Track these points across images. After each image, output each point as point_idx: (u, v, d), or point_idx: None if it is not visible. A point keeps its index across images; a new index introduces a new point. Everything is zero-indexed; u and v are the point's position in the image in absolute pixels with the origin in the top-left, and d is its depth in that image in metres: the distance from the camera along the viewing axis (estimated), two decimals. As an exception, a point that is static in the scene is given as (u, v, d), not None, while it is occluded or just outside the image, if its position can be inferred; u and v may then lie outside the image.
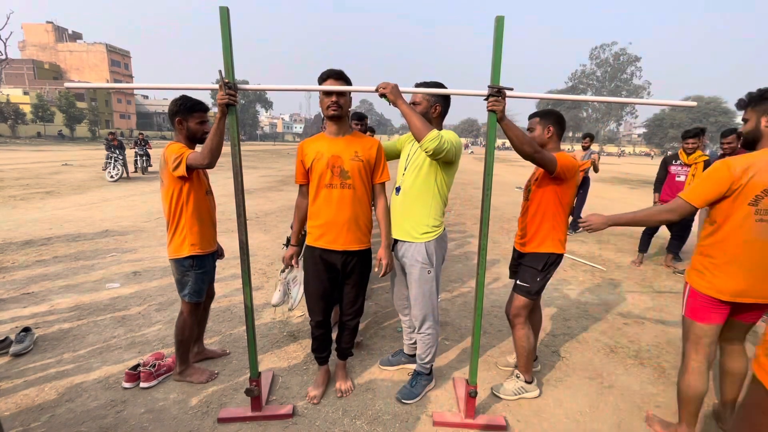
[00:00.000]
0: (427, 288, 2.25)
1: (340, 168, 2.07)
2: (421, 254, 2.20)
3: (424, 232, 2.19)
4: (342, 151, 2.08)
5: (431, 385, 2.47)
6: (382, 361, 2.71)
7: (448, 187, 2.23)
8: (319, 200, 2.12)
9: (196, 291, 2.35)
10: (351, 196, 2.10)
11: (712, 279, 1.82)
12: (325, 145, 2.10)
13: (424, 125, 1.99)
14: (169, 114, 2.28)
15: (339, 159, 2.07)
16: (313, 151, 2.10)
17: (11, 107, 37.23)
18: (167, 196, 2.23)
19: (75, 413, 2.15)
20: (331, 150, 2.08)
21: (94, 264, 4.51)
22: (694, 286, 1.90)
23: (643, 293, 4.23)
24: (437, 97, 2.17)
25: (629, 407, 2.37)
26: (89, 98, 49.25)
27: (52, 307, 3.42)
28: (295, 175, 2.26)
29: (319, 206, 2.12)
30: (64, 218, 6.67)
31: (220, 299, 3.63)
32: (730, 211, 1.74)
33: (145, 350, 2.78)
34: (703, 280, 1.86)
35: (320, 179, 2.08)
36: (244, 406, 2.21)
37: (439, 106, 2.18)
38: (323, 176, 2.08)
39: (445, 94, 2.08)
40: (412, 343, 2.64)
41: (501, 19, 1.77)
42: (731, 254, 1.77)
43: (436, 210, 2.21)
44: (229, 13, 1.76)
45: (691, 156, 4.75)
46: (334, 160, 2.07)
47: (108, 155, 11.70)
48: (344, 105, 2.08)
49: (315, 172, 2.09)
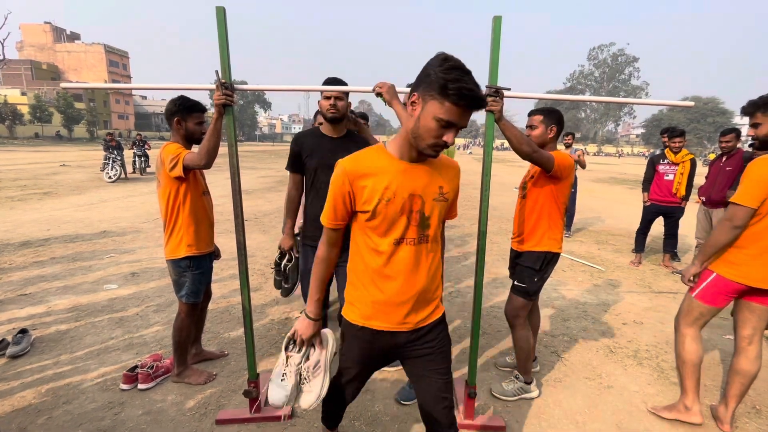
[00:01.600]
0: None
1: (420, 214, 1.30)
2: None
3: None
4: (424, 188, 1.30)
5: (430, 386, 2.46)
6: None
7: None
8: (378, 262, 1.33)
9: (193, 292, 2.34)
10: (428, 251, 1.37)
11: (748, 269, 1.93)
12: (396, 176, 1.26)
13: None
14: (167, 114, 2.28)
15: (418, 200, 1.30)
16: (379, 183, 1.26)
17: (9, 108, 37.12)
18: (164, 197, 2.23)
19: (72, 415, 2.14)
20: (406, 185, 1.27)
21: (92, 265, 4.50)
22: (723, 275, 2.00)
23: (641, 294, 4.24)
24: None
25: (628, 408, 2.37)
26: (87, 99, 49.16)
27: (50, 308, 3.40)
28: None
29: (378, 271, 1.33)
30: (61, 219, 6.65)
31: (218, 300, 3.62)
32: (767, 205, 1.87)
33: (143, 351, 2.77)
34: (737, 270, 1.96)
35: (389, 229, 1.30)
36: (242, 408, 2.20)
37: None
38: (396, 226, 1.30)
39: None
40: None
41: (498, 19, 1.77)
42: (765, 245, 1.90)
43: None
44: (225, 13, 1.75)
45: (678, 155, 4.80)
46: (413, 201, 1.29)
47: (106, 156, 11.67)
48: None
49: (381, 218, 1.28)
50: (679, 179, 4.80)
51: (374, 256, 1.32)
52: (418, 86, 1.16)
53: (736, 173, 4.16)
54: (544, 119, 2.28)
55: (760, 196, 1.85)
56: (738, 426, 2.23)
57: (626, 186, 15.55)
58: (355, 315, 1.40)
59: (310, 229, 2.32)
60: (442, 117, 1.10)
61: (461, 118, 1.12)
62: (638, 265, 5.22)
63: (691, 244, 5.61)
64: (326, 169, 2.16)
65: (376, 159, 1.28)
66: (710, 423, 2.24)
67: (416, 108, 1.16)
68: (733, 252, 1.98)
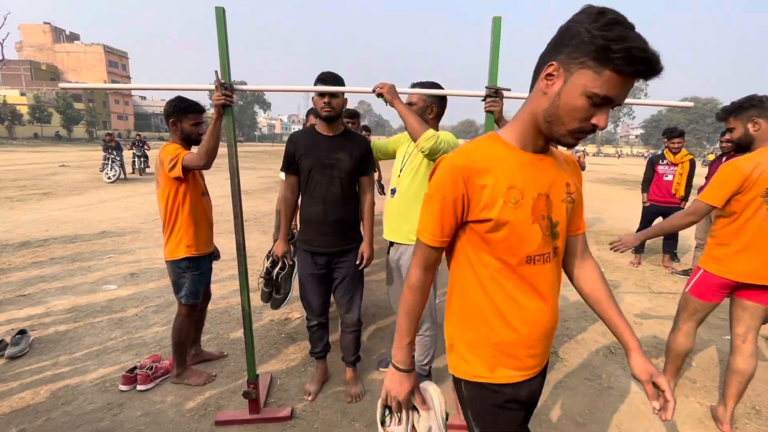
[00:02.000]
0: (425, 290, 2.24)
1: (548, 220, 0.99)
2: None
3: None
4: (550, 186, 0.99)
5: (430, 387, 2.46)
6: (380, 362, 2.70)
7: None
8: (506, 289, 0.99)
9: (192, 293, 2.33)
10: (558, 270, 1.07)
11: (732, 264, 2.03)
12: (521, 171, 0.95)
13: (420, 124, 1.98)
14: (164, 115, 2.28)
15: (546, 202, 0.98)
16: (501, 181, 0.93)
17: (8, 108, 37.11)
18: (163, 198, 2.22)
19: (71, 416, 2.14)
20: (533, 182, 0.96)
21: (91, 265, 4.49)
22: (710, 271, 2.10)
23: (641, 294, 4.23)
24: (433, 98, 2.15)
25: (628, 408, 2.37)
26: (87, 99, 49.15)
27: (49, 309, 3.40)
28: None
29: (508, 301, 1.00)
30: (61, 219, 6.64)
31: (217, 301, 3.62)
32: (745, 204, 1.97)
33: (143, 352, 2.77)
34: (721, 265, 2.06)
35: (519, 243, 0.96)
36: (242, 409, 2.20)
37: (436, 107, 2.17)
38: (528, 239, 0.96)
39: (442, 95, 2.07)
40: (410, 345, 2.63)
41: (498, 20, 1.77)
42: (746, 241, 1.99)
43: None
44: (224, 14, 1.75)
45: (677, 155, 4.81)
46: (541, 203, 0.97)
47: (105, 156, 11.66)
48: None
49: (508, 228, 0.94)
50: (678, 180, 4.80)
51: (498, 282, 0.98)
52: (558, 52, 0.85)
53: (735, 174, 4.15)
54: None
55: (723, 195, 1.98)
56: (738, 427, 2.23)
57: (625, 186, 15.56)
58: (479, 368, 1.03)
59: (307, 233, 2.23)
60: (597, 91, 0.81)
61: (622, 90, 0.83)
62: (638, 265, 5.22)
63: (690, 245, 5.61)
64: (321, 169, 2.13)
65: (492, 149, 0.96)
66: (710, 424, 2.24)
67: (554, 82, 0.86)
68: (717, 249, 2.10)
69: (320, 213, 2.15)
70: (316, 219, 2.17)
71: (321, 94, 2.08)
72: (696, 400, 2.46)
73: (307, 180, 2.16)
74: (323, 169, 2.12)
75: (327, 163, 2.12)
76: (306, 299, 2.32)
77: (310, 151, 2.14)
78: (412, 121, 1.99)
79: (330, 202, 2.14)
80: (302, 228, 2.27)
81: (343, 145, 2.17)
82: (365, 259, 2.24)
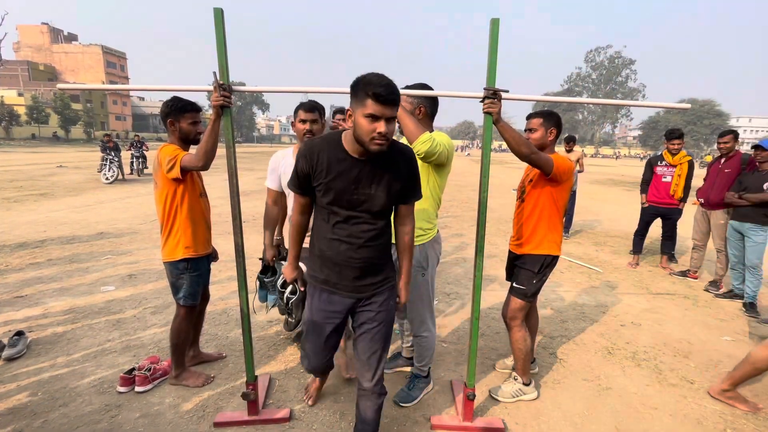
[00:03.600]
0: (423, 291, 2.24)
1: None
2: (414, 258, 2.19)
3: (418, 236, 2.18)
4: None
5: (429, 388, 2.45)
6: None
7: (441, 189, 2.22)
8: None
9: (190, 294, 2.33)
10: None
11: None
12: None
13: (416, 127, 1.98)
14: (161, 115, 2.28)
15: None
16: None
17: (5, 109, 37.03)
18: (161, 199, 2.22)
19: (69, 418, 2.13)
20: None
21: (89, 267, 4.48)
22: None
23: (639, 295, 4.24)
24: (421, 98, 2.12)
25: (627, 409, 2.37)
26: (84, 100, 49.00)
27: (46, 310, 3.38)
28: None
29: None
30: (58, 220, 6.62)
31: (216, 302, 3.61)
32: None
33: (141, 354, 2.76)
34: None
35: None
36: (240, 410, 2.19)
37: (424, 107, 2.14)
38: None
39: (439, 96, 2.07)
40: (409, 346, 2.63)
41: (496, 21, 1.77)
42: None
43: (430, 213, 2.20)
44: (223, 15, 1.75)
45: (675, 156, 4.83)
46: None
47: (103, 157, 11.63)
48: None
49: None
50: (676, 181, 4.82)
51: None
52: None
53: (734, 175, 4.17)
54: (544, 122, 2.27)
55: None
56: (736, 427, 2.24)
57: (624, 188, 15.60)
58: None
59: (324, 271, 1.68)
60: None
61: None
62: (636, 266, 5.23)
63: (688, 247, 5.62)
64: (345, 206, 1.60)
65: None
66: (708, 424, 2.24)
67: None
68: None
69: (342, 252, 1.61)
70: (335, 259, 1.63)
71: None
72: (694, 401, 2.46)
73: (327, 213, 1.61)
74: (349, 206, 1.57)
75: (354, 200, 1.56)
76: (306, 349, 1.84)
77: (334, 181, 1.54)
78: (408, 123, 1.98)
79: (356, 240, 1.60)
80: (316, 262, 1.70)
81: (380, 173, 1.56)
82: (401, 302, 1.80)
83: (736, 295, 4.10)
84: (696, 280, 4.77)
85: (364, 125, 1.41)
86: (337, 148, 1.55)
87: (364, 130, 1.41)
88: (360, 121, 1.42)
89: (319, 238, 1.66)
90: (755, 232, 3.79)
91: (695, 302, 4.05)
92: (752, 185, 3.80)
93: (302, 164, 1.57)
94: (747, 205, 3.81)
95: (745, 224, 3.85)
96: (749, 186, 3.82)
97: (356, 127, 1.44)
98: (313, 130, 2.25)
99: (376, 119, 1.39)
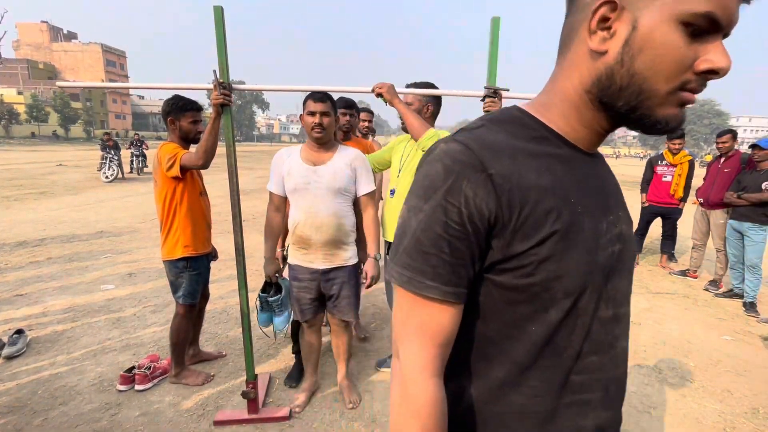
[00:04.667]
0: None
1: None
2: None
3: None
4: None
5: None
6: (379, 362, 2.70)
7: None
8: None
9: (190, 293, 2.33)
10: None
11: None
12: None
13: (421, 124, 2.00)
14: (162, 114, 2.28)
15: None
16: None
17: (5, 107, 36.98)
18: (161, 197, 2.22)
19: (68, 416, 2.13)
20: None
21: (89, 265, 4.47)
22: None
23: (639, 294, 4.24)
24: (429, 97, 2.18)
25: (626, 408, 2.37)
26: (84, 98, 48.97)
27: (46, 308, 3.38)
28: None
29: None
30: (58, 219, 6.61)
31: (216, 301, 3.61)
32: None
33: (140, 352, 2.76)
34: None
35: None
36: (240, 409, 2.19)
37: (431, 105, 2.20)
38: None
39: (439, 94, 2.08)
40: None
41: (497, 20, 1.77)
42: None
43: None
44: (223, 13, 1.75)
45: (676, 156, 4.83)
46: None
47: (103, 156, 11.62)
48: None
49: None
50: (677, 180, 4.82)
51: None
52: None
53: (734, 174, 4.17)
54: None
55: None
56: (735, 426, 2.24)
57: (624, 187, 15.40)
58: None
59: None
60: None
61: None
62: (636, 265, 5.23)
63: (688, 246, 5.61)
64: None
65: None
66: (707, 423, 2.24)
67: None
68: None
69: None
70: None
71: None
72: (693, 400, 2.46)
73: None
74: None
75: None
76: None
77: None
78: (412, 120, 2.00)
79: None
80: None
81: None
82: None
83: (736, 295, 4.11)
84: (696, 279, 4.77)
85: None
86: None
87: None
88: None
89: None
90: (754, 232, 3.79)
91: (695, 301, 4.05)
92: (751, 185, 3.80)
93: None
94: (746, 204, 3.81)
95: (745, 224, 3.86)
96: (748, 185, 3.82)
97: None
98: (324, 124, 1.95)
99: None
